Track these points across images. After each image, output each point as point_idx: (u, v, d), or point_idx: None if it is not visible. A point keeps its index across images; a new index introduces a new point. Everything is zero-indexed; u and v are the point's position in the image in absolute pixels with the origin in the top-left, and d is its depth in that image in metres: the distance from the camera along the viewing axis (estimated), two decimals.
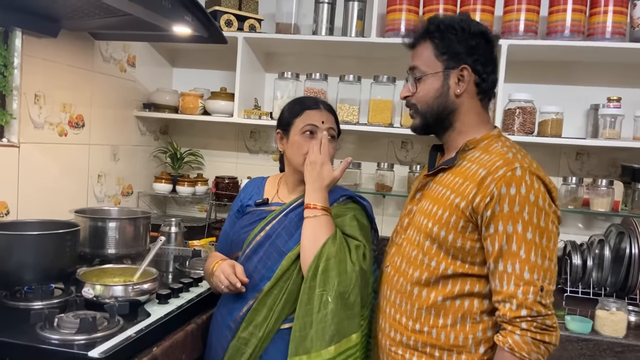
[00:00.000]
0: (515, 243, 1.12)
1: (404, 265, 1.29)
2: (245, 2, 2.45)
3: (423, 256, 1.24)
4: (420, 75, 1.28)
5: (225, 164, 2.80)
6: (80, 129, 2.13)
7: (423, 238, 1.25)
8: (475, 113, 1.29)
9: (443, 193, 1.25)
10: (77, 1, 1.53)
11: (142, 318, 1.43)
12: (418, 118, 1.32)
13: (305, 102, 1.56)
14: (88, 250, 1.84)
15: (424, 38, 1.29)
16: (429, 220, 1.24)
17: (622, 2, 2.05)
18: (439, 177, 1.30)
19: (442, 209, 1.22)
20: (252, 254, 1.46)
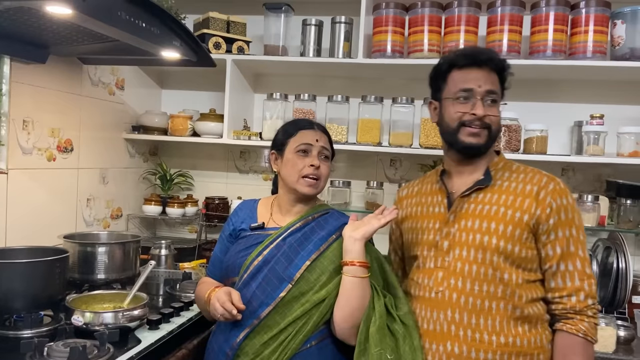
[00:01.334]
0: (573, 245, 1.34)
1: (470, 284, 1.33)
2: (233, 24, 2.47)
3: (494, 271, 1.33)
4: (496, 99, 1.40)
5: (215, 185, 2.80)
6: (69, 153, 2.12)
7: (490, 254, 1.33)
8: None
9: (495, 210, 1.36)
10: (65, 28, 1.54)
11: (132, 345, 1.42)
12: (487, 138, 1.39)
13: (300, 123, 1.58)
14: (77, 276, 1.83)
15: (495, 69, 1.41)
16: (491, 237, 1.33)
17: (603, 21, 2.10)
18: (475, 198, 1.39)
19: (502, 224, 1.34)
20: (250, 279, 1.45)
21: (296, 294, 1.41)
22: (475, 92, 1.37)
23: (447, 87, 1.42)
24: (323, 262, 1.43)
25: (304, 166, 1.48)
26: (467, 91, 1.38)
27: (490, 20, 2.19)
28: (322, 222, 1.51)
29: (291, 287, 1.41)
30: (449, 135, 1.42)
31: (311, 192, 1.50)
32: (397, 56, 2.28)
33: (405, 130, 2.35)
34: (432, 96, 1.50)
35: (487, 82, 1.38)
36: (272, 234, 1.50)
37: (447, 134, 1.43)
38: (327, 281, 1.42)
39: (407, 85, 2.54)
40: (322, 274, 1.42)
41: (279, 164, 1.56)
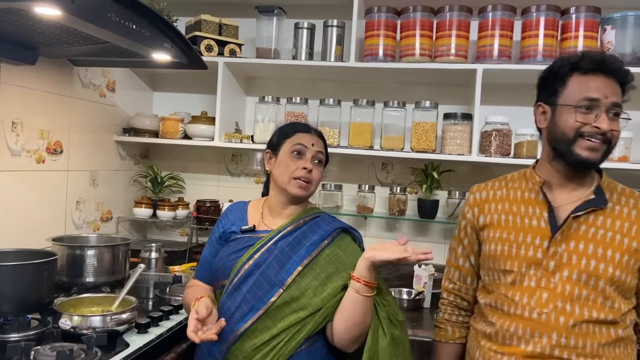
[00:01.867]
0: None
1: (579, 309, 1.29)
2: (225, 27, 2.47)
3: (604, 299, 1.28)
4: (619, 113, 1.29)
5: (206, 187, 2.79)
6: (59, 155, 2.11)
7: (603, 282, 1.28)
8: None
9: (611, 237, 1.30)
10: (54, 30, 1.53)
11: (120, 349, 1.41)
12: (604, 153, 1.30)
13: (297, 126, 1.59)
14: (66, 279, 1.82)
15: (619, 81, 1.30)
16: (607, 265, 1.28)
17: (593, 27, 2.12)
18: (587, 219, 1.31)
19: (619, 253, 1.29)
20: (241, 283, 1.43)
21: (287, 299, 1.40)
22: (601, 103, 1.26)
23: (566, 92, 1.30)
24: (315, 269, 1.43)
25: (296, 168, 1.48)
26: (592, 100, 1.26)
27: (481, 24, 2.20)
28: (313, 226, 1.51)
29: (282, 291, 1.40)
30: (563, 145, 1.30)
31: (301, 194, 1.50)
32: (388, 60, 2.29)
33: (397, 134, 2.36)
34: (542, 99, 1.37)
35: (614, 93, 1.27)
36: (263, 237, 1.49)
37: (561, 143, 1.30)
38: (320, 288, 1.41)
39: (399, 89, 2.55)
40: (314, 280, 1.42)
41: (272, 163, 1.56)
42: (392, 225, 2.61)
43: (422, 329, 1.96)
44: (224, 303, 1.45)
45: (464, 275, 1.53)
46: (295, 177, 1.48)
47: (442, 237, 2.57)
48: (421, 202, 2.41)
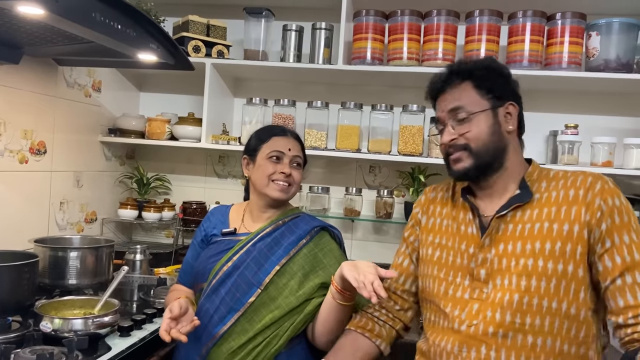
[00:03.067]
0: (637, 251, 1.10)
1: (510, 316, 1.13)
2: (213, 28, 2.46)
3: (540, 299, 1.12)
4: (467, 114, 1.21)
5: (193, 189, 2.77)
6: (42, 155, 2.08)
7: (536, 279, 1.12)
8: (519, 152, 1.27)
9: (539, 227, 1.16)
10: (38, 29, 1.51)
11: (102, 352, 1.39)
12: (471, 159, 1.22)
13: (273, 130, 1.59)
14: (48, 281, 1.79)
15: (459, 79, 1.24)
16: (536, 259, 1.13)
17: (578, 33, 2.14)
18: (512, 217, 1.20)
19: (550, 242, 1.14)
20: (219, 285, 1.44)
21: (265, 300, 1.40)
22: (443, 118, 1.26)
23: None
24: (292, 267, 1.43)
25: (275, 171, 1.49)
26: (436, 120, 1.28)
27: (468, 29, 2.22)
28: (292, 226, 1.51)
29: (260, 292, 1.40)
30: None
31: (281, 197, 1.50)
32: (376, 63, 2.29)
33: (384, 137, 2.36)
34: None
35: (453, 99, 1.23)
36: (242, 240, 1.49)
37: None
38: (297, 287, 1.41)
39: (387, 92, 2.55)
40: (291, 279, 1.42)
41: (251, 169, 1.56)
42: (379, 228, 2.62)
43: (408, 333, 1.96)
44: (202, 305, 1.45)
45: (399, 273, 1.41)
46: (274, 179, 1.48)
47: None
48: (408, 205, 2.42)
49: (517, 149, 1.27)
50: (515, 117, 1.24)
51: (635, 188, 2.33)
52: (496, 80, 1.23)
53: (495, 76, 1.24)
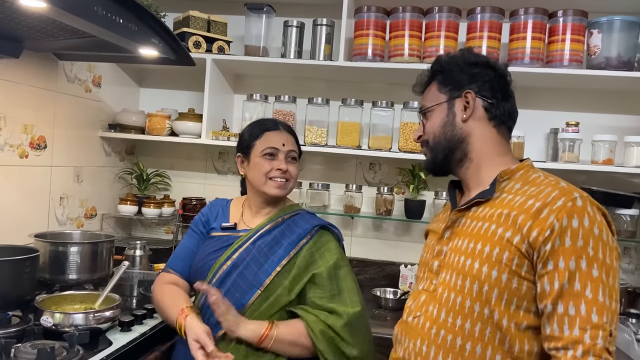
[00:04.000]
0: (579, 281, 0.99)
1: (445, 314, 1.11)
2: (214, 24, 2.45)
3: (472, 302, 1.08)
4: (426, 110, 1.25)
5: (193, 185, 2.77)
6: (42, 150, 2.08)
7: (470, 281, 1.08)
8: (492, 142, 1.20)
9: (486, 228, 1.11)
10: (40, 22, 1.50)
11: (103, 347, 1.39)
12: (428, 153, 1.25)
13: (265, 124, 1.56)
14: (48, 276, 1.79)
15: (429, 81, 1.28)
16: (473, 260, 1.09)
17: (579, 30, 2.14)
18: (473, 212, 1.17)
19: (489, 245, 1.08)
20: (219, 285, 1.42)
21: (264, 300, 1.40)
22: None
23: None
24: (292, 269, 1.43)
25: (271, 169, 1.48)
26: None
27: (470, 26, 2.21)
28: (292, 224, 1.50)
29: (260, 292, 1.40)
30: None
31: (280, 194, 1.50)
32: (377, 60, 2.29)
33: (385, 134, 2.36)
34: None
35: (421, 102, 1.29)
36: (241, 237, 1.49)
37: None
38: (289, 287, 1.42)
39: (388, 89, 2.55)
40: (287, 279, 1.43)
41: (246, 167, 1.54)
42: (379, 225, 2.62)
43: None
44: (202, 306, 1.45)
45: None
46: (271, 177, 1.48)
47: None
48: (408, 202, 2.42)
49: (488, 139, 1.20)
50: (474, 106, 1.19)
51: (635, 186, 2.33)
52: (455, 71, 1.22)
53: (455, 68, 1.22)
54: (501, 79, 1.22)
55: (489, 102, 1.19)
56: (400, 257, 2.54)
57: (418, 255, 2.56)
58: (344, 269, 1.47)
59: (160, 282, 1.55)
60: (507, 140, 1.24)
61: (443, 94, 1.23)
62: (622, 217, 2.24)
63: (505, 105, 1.21)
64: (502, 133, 1.22)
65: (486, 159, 1.20)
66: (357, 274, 2.53)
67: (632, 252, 2.39)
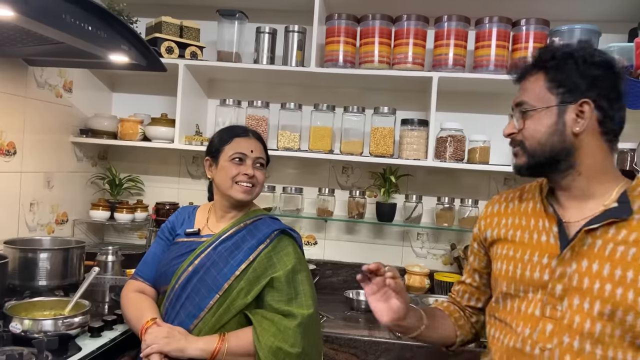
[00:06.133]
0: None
1: (590, 346, 1.03)
2: (186, 29, 2.47)
3: (625, 333, 1.00)
4: (529, 109, 1.12)
5: (166, 190, 2.77)
6: (12, 156, 2.06)
7: (623, 312, 1.00)
8: (603, 156, 1.10)
9: (634, 254, 1.02)
10: (7, 29, 1.50)
11: (72, 353, 1.39)
12: (525, 157, 1.14)
13: (235, 130, 1.60)
14: (17, 283, 1.78)
15: (535, 69, 1.14)
16: (626, 289, 1.00)
17: (542, 38, 2.22)
18: (605, 232, 1.06)
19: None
20: (181, 290, 1.46)
21: (223, 304, 1.42)
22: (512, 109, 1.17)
23: None
24: (250, 272, 1.46)
25: (238, 173, 1.51)
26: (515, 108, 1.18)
27: (437, 34, 2.27)
28: (253, 229, 1.53)
29: (219, 297, 1.42)
30: None
31: (245, 198, 1.53)
32: (348, 66, 2.33)
33: (356, 139, 2.40)
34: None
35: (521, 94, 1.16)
36: (204, 242, 1.51)
37: None
38: (247, 290, 1.45)
39: (359, 95, 2.60)
40: (245, 282, 1.45)
41: (214, 171, 1.57)
42: (352, 228, 2.66)
43: (379, 329, 2.00)
44: (165, 312, 1.47)
45: (462, 291, 1.42)
46: (238, 181, 1.51)
47: (400, 239, 2.63)
48: (380, 205, 2.47)
49: (597, 154, 1.10)
50: (589, 117, 1.08)
51: None
52: (573, 72, 1.08)
53: (573, 67, 1.08)
54: (620, 83, 1.11)
55: (605, 115, 1.09)
56: (373, 259, 2.52)
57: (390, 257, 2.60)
58: (302, 274, 1.50)
59: (127, 290, 1.58)
60: (613, 154, 1.15)
61: (553, 95, 1.10)
62: None
63: (619, 114, 1.11)
64: (612, 146, 1.13)
65: (596, 173, 1.11)
66: (330, 276, 2.58)
67: None
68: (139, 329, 1.43)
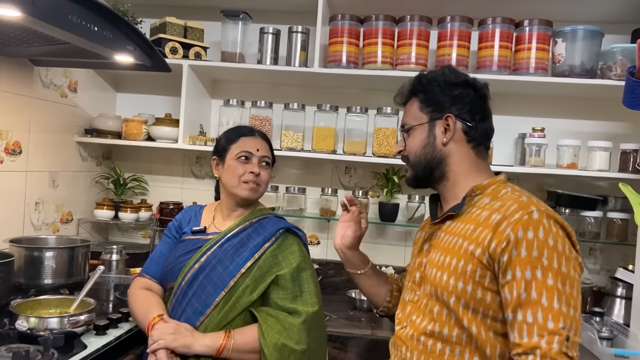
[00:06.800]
0: (535, 290, 1.05)
1: (426, 322, 1.20)
2: (190, 30, 2.48)
3: (448, 311, 1.16)
4: (408, 128, 1.31)
5: (170, 190, 2.78)
6: (17, 155, 2.08)
7: (440, 292, 1.17)
8: (469, 162, 1.27)
9: (455, 242, 1.19)
10: (14, 30, 1.51)
11: (78, 350, 1.41)
12: (410, 170, 1.33)
13: (241, 130, 1.62)
14: (23, 281, 1.80)
15: (411, 96, 1.34)
16: (442, 273, 1.18)
17: (545, 39, 2.22)
18: (447, 226, 1.25)
19: (455, 258, 1.16)
20: (187, 287, 1.47)
21: (230, 302, 1.43)
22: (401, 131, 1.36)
23: None
24: (255, 270, 1.47)
25: (244, 172, 1.52)
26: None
27: (440, 35, 2.28)
28: (259, 227, 1.55)
29: (225, 294, 1.44)
30: None
31: (251, 197, 1.54)
32: (351, 67, 2.34)
33: (359, 139, 2.41)
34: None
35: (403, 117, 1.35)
36: (210, 240, 1.53)
37: None
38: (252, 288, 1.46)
39: (362, 95, 2.61)
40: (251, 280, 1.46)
41: (220, 169, 1.59)
42: None
43: (381, 329, 2.02)
44: (172, 309, 1.48)
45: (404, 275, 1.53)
46: (244, 180, 1.52)
47: (402, 239, 2.63)
48: (382, 205, 2.47)
49: (465, 160, 1.27)
50: (455, 130, 1.25)
51: (599, 189, 2.42)
52: (436, 92, 1.27)
53: (437, 89, 1.27)
54: (481, 99, 1.28)
55: (468, 125, 1.26)
56: (375, 259, 2.53)
57: (392, 257, 2.62)
58: (307, 272, 1.51)
59: (134, 287, 1.60)
60: (484, 158, 1.30)
61: (425, 114, 1.28)
62: (586, 219, 2.33)
63: (483, 125, 1.27)
64: (480, 153, 1.29)
65: (462, 178, 1.27)
66: (333, 276, 2.59)
67: (597, 252, 2.48)
68: (146, 325, 1.44)
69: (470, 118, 1.26)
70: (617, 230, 2.30)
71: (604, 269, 2.46)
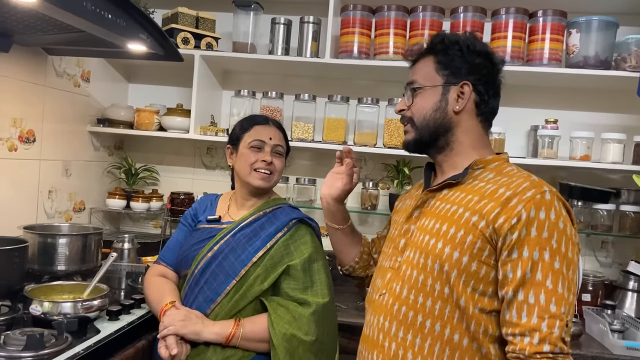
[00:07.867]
0: (541, 271, 1.02)
1: (407, 291, 1.15)
2: (202, 20, 2.48)
3: (433, 281, 1.11)
4: (418, 87, 1.23)
5: (181, 180, 2.80)
6: (31, 144, 2.10)
7: (432, 260, 1.12)
8: (475, 135, 1.23)
9: (453, 210, 1.14)
10: (29, 17, 1.53)
11: (91, 335, 1.42)
12: (413, 132, 1.25)
13: (255, 119, 1.62)
14: (37, 267, 1.82)
15: (426, 53, 1.25)
16: (437, 240, 1.12)
17: (559, 30, 2.20)
18: (444, 195, 1.20)
19: (454, 227, 1.11)
20: (200, 275, 1.48)
21: (241, 290, 1.44)
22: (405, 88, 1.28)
23: None
24: (267, 260, 1.48)
25: (256, 160, 1.53)
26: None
27: (452, 25, 2.27)
28: (272, 217, 1.55)
29: (236, 282, 1.44)
30: None
31: (263, 185, 1.54)
32: (363, 57, 2.34)
33: (370, 130, 2.41)
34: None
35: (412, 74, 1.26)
36: (224, 229, 1.53)
37: None
38: (263, 278, 1.47)
39: (373, 86, 2.60)
40: (262, 270, 1.47)
41: (234, 158, 1.60)
42: (364, 219, 2.67)
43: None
44: (185, 296, 1.50)
45: (373, 241, 1.55)
46: (256, 168, 1.52)
47: None
48: (392, 197, 2.47)
49: (471, 132, 1.22)
50: (468, 98, 1.20)
51: (612, 181, 2.40)
52: (457, 57, 1.20)
53: (458, 53, 1.20)
54: (496, 75, 1.23)
55: (480, 98, 1.21)
56: None
57: None
58: (319, 263, 1.51)
59: (150, 274, 1.62)
60: (487, 135, 1.27)
61: (440, 76, 1.21)
62: (599, 212, 2.31)
63: (493, 102, 1.23)
64: (485, 127, 1.25)
65: (466, 149, 1.22)
66: None
67: (609, 245, 2.46)
68: (159, 310, 1.45)
69: (485, 91, 1.21)
70: (630, 224, 2.28)
71: (615, 262, 2.44)
